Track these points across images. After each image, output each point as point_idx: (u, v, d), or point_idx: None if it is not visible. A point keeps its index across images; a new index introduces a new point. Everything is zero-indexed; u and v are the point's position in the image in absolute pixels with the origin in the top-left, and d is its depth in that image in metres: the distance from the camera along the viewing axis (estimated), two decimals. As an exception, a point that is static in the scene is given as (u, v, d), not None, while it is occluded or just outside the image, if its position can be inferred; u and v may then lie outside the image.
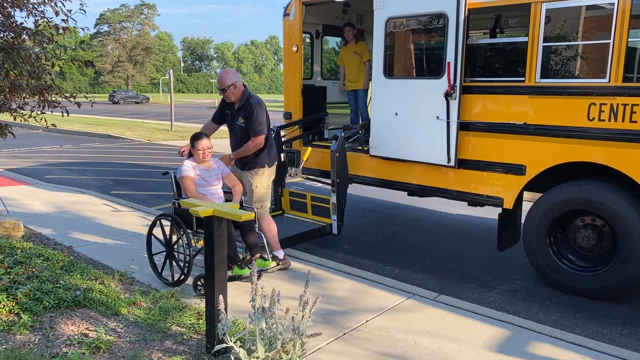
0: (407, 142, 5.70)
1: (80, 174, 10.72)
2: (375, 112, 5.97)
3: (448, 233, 6.78)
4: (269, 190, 4.96)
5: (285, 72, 7.10)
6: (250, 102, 4.76)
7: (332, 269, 4.96)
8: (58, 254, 4.60)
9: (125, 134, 18.85)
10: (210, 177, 4.64)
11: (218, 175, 4.71)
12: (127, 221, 6.56)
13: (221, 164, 4.84)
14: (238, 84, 4.80)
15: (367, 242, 6.34)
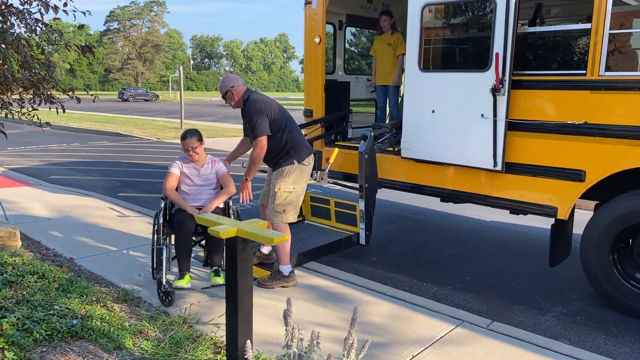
0: (445, 143, 5.09)
1: (86, 174, 10.21)
2: (408, 110, 5.37)
3: (484, 243, 6.17)
4: (295, 195, 4.35)
5: (306, 66, 6.51)
6: (248, 104, 4.25)
7: (364, 288, 4.38)
8: (55, 270, 4.06)
9: (134, 132, 18.37)
10: (197, 176, 4.37)
11: (208, 176, 4.41)
12: (134, 228, 6.01)
13: (218, 164, 4.48)
14: (235, 88, 4.30)
15: (396, 253, 5.75)
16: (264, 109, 4.20)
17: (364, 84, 7.38)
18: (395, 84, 6.49)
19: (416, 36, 5.15)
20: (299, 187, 4.35)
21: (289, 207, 4.30)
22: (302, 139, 4.47)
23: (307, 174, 4.44)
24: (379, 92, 6.72)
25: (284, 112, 4.39)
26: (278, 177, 4.31)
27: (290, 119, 4.42)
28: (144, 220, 6.40)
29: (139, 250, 5.20)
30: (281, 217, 4.30)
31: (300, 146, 4.36)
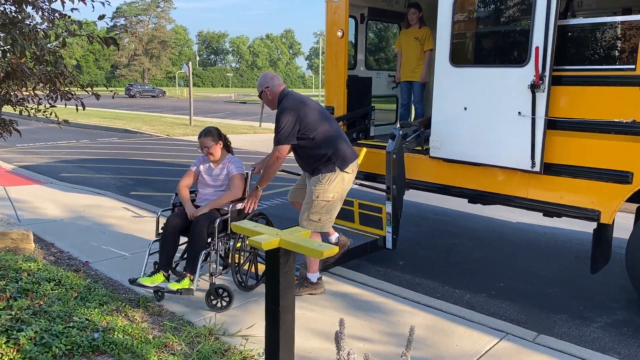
0: (478, 142, 4.84)
1: (98, 172, 10.02)
2: (438, 107, 5.11)
3: (513, 246, 5.92)
4: (333, 204, 4.03)
5: (327, 61, 6.26)
6: (280, 106, 3.99)
7: (396, 296, 4.14)
8: (72, 276, 3.84)
9: (143, 129, 18.19)
10: (209, 176, 4.23)
11: (219, 176, 4.21)
12: (150, 229, 5.78)
13: (231, 165, 4.19)
14: (270, 88, 4.05)
15: (423, 256, 5.51)
16: (295, 114, 3.86)
17: (385, 79, 7.12)
18: (422, 80, 6.24)
19: (447, 29, 4.89)
20: (338, 195, 4.05)
21: (325, 217, 4.03)
22: (345, 144, 4.08)
23: (348, 183, 4.10)
24: (404, 88, 6.47)
25: (324, 115, 4.07)
26: (316, 183, 4.02)
27: (332, 122, 4.12)
28: (162, 220, 6.16)
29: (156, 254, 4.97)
30: (315, 226, 4.03)
31: (343, 152, 4.02)
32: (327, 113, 4.18)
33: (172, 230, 3.93)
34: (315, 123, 3.96)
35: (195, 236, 3.80)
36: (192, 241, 3.82)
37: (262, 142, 16.03)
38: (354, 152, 4.15)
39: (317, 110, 4.05)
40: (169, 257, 3.92)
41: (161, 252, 3.92)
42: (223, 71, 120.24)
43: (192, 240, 3.82)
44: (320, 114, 4.03)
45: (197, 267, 3.74)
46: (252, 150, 13.87)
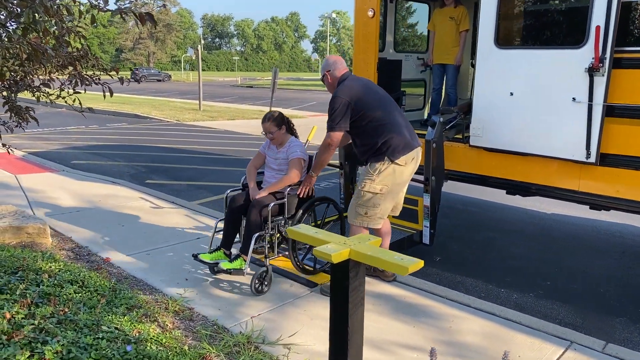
0: (526, 130, 4.49)
1: (110, 159, 9.72)
2: (480, 92, 4.76)
3: (554, 239, 5.59)
4: (382, 199, 3.69)
5: (356, 43, 5.88)
6: (334, 91, 3.77)
7: (443, 298, 3.83)
8: (95, 277, 3.55)
9: (153, 114, 17.85)
10: (272, 159, 4.22)
11: (281, 160, 4.16)
12: (171, 221, 5.51)
13: (291, 149, 4.10)
14: (331, 72, 3.83)
15: (460, 252, 5.20)
16: (346, 99, 3.62)
17: (413, 62, 6.74)
18: (457, 63, 5.86)
19: (492, 7, 4.51)
20: (388, 189, 3.68)
21: (372, 211, 3.70)
22: (401, 134, 3.69)
23: (400, 175, 3.70)
24: (436, 71, 6.10)
25: (381, 101, 3.74)
26: (365, 173, 3.73)
27: (390, 109, 3.74)
28: (180, 212, 5.89)
29: (181, 247, 4.69)
30: (361, 220, 3.72)
31: (396, 142, 3.65)
32: (388, 100, 3.81)
33: (234, 211, 3.98)
34: (369, 110, 3.66)
35: (250, 218, 3.82)
36: (247, 223, 3.84)
37: (274, 127, 15.69)
38: (411, 143, 3.73)
39: (375, 96, 3.74)
40: (230, 236, 4.00)
41: (224, 230, 4.01)
42: (228, 55, 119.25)
43: (247, 222, 3.84)
44: (377, 101, 3.72)
45: (249, 249, 3.74)
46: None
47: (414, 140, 3.76)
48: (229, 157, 10.31)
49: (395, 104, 3.87)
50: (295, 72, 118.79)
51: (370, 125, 3.65)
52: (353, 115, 3.63)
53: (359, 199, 3.72)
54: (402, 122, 3.74)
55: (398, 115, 3.77)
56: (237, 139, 12.95)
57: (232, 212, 3.98)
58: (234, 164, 9.57)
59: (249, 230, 3.81)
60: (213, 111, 19.82)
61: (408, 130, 3.75)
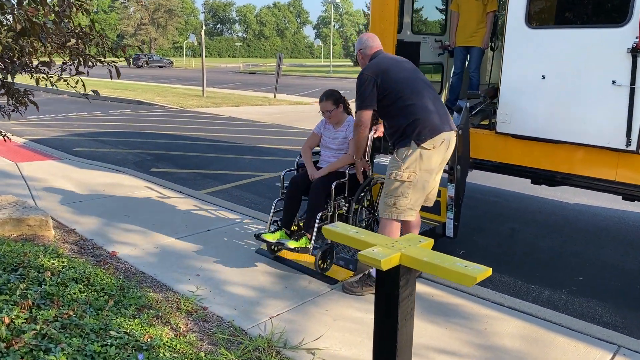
0: (559, 116, 4.20)
1: (113, 146, 9.45)
2: (508, 75, 4.46)
3: (581, 231, 5.33)
4: (411, 187, 3.36)
5: (372, 24, 5.56)
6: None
7: (474, 296, 3.58)
8: (101, 275, 3.30)
9: (156, 100, 17.54)
10: (329, 138, 4.20)
11: (340, 139, 4.13)
12: (179, 212, 5.26)
13: (351, 128, 4.01)
14: (363, 51, 3.61)
15: (484, 245, 4.94)
16: (372, 77, 3.37)
17: (431, 45, 6.42)
18: (484, 46, 5.54)
19: (524, -16, 4.19)
20: (417, 177, 3.35)
21: (402, 201, 3.38)
22: (429, 116, 3.34)
23: (429, 161, 3.33)
24: (458, 54, 5.78)
25: (410, 80, 3.42)
26: (392, 161, 3.44)
27: (419, 89, 3.41)
28: (188, 202, 5.63)
29: (191, 240, 4.44)
30: (390, 211, 3.42)
31: (423, 123, 3.32)
32: (418, 80, 3.49)
33: (294, 191, 4.01)
34: (395, 88, 3.37)
35: (313, 197, 3.86)
36: (310, 202, 3.87)
37: (280, 114, 15.39)
38: (440, 125, 3.36)
39: (403, 74, 3.44)
40: (291, 216, 4.01)
41: (284, 210, 4.01)
42: (230, 41, 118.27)
43: (310, 201, 3.88)
44: (405, 79, 3.41)
45: (314, 228, 3.76)
46: (272, 123, 13.25)
47: (445, 124, 3.41)
48: (236, 144, 10.03)
49: (427, 86, 3.53)
50: (298, 58, 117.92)
51: (396, 106, 3.36)
52: (379, 94, 3.37)
53: (386, 189, 3.44)
54: (432, 104, 3.41)
55: (428, 96, 3.43)
56: (243, 126, 12.65)
57: (292, 192, 4.00)
58: (242, 151, 9.29)
59: (311, 210, 3.83)
60: (217, 97, 19.50)
61: (439, 114, 3.40)
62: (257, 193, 6.48)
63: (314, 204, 3.84)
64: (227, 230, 4.75)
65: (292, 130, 12.08)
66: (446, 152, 3.46)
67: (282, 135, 11.34)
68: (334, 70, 51.09)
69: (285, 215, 4.00)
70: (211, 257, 4.11)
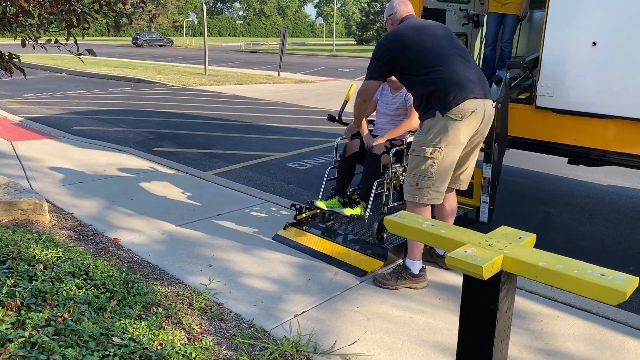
0: (612, 88, 3.76)
1: (114, 124, 9.01)
2: (552, 42, 4.00)
3: (620, 215, 4.92)
4: (436, 163, 2.90)
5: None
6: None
7: (522, 290, 3.17)
8: (102, 267, 2.90)
9: (157, 78, 17.00)
10: (386, 104, 3.97)
11: (399, 105, 3.89)
12: (185, 194, 4.85)
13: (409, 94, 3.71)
14: (392, 16, 3.24)
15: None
16: (390, 47, 3.00)
17: (455, 14, 5.94)
18: (522, 14, 5.06)
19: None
20: (442, 152, 2.88)
21: (424, 182, 2.94)
22: (456, 81, 2.86)
23: (457, 133, 2.85)
24: (492, 22, 5.31)
25: (436, 47, 2.94)
26: (416, 135, 3.02)
27: (447, 54, 2.93)
28: (195, 183, 5.21)
29: (200, 226, 4.04)
30: (413, 193, 2.99)
31: (447, 89, 2.83)
32: (450, 45, 2.99)
33: (349, 159, 3.90)
34: (419, 59, 2.94)
35: (369, 166, 3.73)
36: (366, 171, 3.75)
37: (285, 92, 14.88)
38: (472, 91, 2.85)
39: (432, 42, 2.95)
40: (345, 184, 3.93)
41: (338, 178, 3.94)
42: (230, 20, 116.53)
43: (366, 170, 3.75)
44: (433, 47, 2.94)
45: (370, 196, 3.67)
46: (278, 101, 12.76)
47: (477, 91, 2.89)
48: (242, 123, 9.58)
49: (459, 51, 3.05)
50: (299, 37, 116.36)
51: (419, 75, 2.93)
52: (399, 65, 2.99)
53: (409, 166, 3.03)
54: (462, 68, 2.90)
55: (459, 62, 2.93)
56: (249, 104, 12.18)
57: (346, 160, 3.90)
58: (248, 130, 8.84)
59: (367, 178, 3.71)
60: (219, 75, 18.94)
61: (470, 79, 2.90)
62: (267, 174, 6.06)
63: (371, 173, 3.71)
64: (239, 215, 4.35)
65: (298, 109, 11.61)
66: (480, 124, 2.94)
67: (289, 113, 10.87)
68: (337, 49, 50.21)
69: (339, 184, 3.91)
70: (223, 244, 3.71)
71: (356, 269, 3.35)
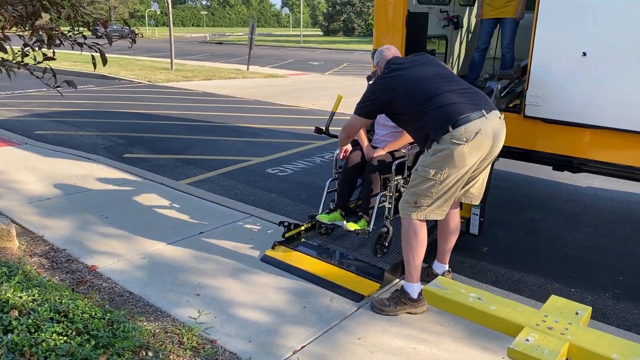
0: (602, 99, 3.72)
1: (80, 128, 8.59)
2: (541, 51, 3.93)
3: (604, 220, 4.95)
4: (438, 185, 2.82)
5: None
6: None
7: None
8: (82, 306, 2.67)
9: (121, 74, 16.40)
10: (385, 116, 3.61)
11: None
12: (164, 209, 4.61)
13: None
14: (380, 63, 3.27)
15: (507, 240, 4.50)
16: (379, 94, 3.03)
17: (436, 16, 5.84)
18: (518, 17, 4.98)
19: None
20: (448, 175, 2.79)
21: (423, 200, 2.87)
22: (452, 105, 2.80)
23: (463, 157, 2.75)
24: (486, 28, 5.22)
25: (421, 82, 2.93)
26: (422, 156, 2.93)
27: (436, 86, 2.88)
28: (173, 196, 4.97)
29: (182, 246, 3.84)
30: (410, 210, 2.91)
31: (447, 115, 2.77)
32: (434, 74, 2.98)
33: (350, 170, 3.82)
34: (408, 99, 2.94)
35: (370, 178, 3.66)
36: (367, 183, 3.68)
37: (256, 88, 14.59)
38: (472, 112, 2.76)
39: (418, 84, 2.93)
40: (347, 197, 3.87)
41: (339, 191, 3.88)
42: (194, 10, 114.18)
43: (367, 182, 3.68)
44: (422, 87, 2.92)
45: (374, 210, 3.63)
46: (250, 99, 12.48)
47: (477, 110, 2.78)
48: (216, 124, 9.29)
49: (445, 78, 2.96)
50: (265, 27, 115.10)
51: (414, 112, 2.92)
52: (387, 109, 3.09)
53: (410, 183, 2.96)
54: (455, 97, 2.83)
55: (448, 90, 2.87)
56: (220, 102, 11.86)
57: (347, 172, 3.81)
58: (223, 132, 8.58)
59: (369, 190, 3.66)
60: (186, 70, 18.44)
61: (469, 101, 2.83)
62: (247, 182, 5.86)
63: (372, 185, 3.64)
64: (222, 232, 4.15)
65: (272, 107, 11.38)
66: (492, 143, 2.86)
67: (262, 112, 10.63)
68: (305, 40, 49.80)
69: (339, 196, 3.85)
70: (209, 269, 3.52)
71: (352, 292, 3.22)
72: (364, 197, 3.72)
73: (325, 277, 3.38)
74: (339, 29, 60.98)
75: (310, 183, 5.89)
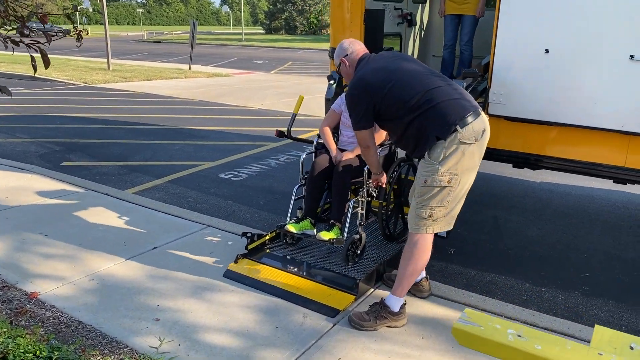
0: (565, 96, 3.72)
1: (9, 134, 7.89)
2: (503, 49, 3.90)
3: (562, 215, 5.01)
4: (453, 191, 2.68)
5: (335, -12, 4.76)
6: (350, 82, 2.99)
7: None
8: (24, 343, 2.31)
9: (54, 75, 15.39)
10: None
11: None
12: (110, 223, 4.23)
13: None
14: (349, 57, 3.06)
15: (472, 240, 4.44)
16: (364, 97, 2.79)
17: (390, 13, 5.74)
18: (478, 14, 4.94)
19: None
20: (463, 179, 2.67)
21: (439, 211, 2.70)
22: (454, 102, 2.66)
23: (472, 157, 2.65)
24: (449, 25, 5.17)
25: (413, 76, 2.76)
26: (424, 165, 2.71)
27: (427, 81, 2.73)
28: (121, 207, 4.58)
29: (135, 265, 3.50)
30: (426, 225, 2.72)
31: (452, 114, 2.61)
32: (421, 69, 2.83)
33: (319, 176, 3.60)
34: (395, 99, 2.73)
35: (339, 183, 3.48)
36: (336, 188, 3.50)
37: (200, 88, 14.09)
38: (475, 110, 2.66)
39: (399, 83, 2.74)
40: (315, 204, 3.67)
41: (306, 197, 3.65)
42: (129, 7, 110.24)
43: (336, 188, 3.50)
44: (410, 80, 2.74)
45: (348, 216, 3.44)
46: (195, 100, 12.02)
47: (477, 108, 2.71)
48: (161, 127, 8.82)
49: (434, 73, 2.85)
50: (204, 25, 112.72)
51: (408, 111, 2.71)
52: (376, 110, 2.80)
53: (419, 198, 2.74)
54: (452, 92, 2.73)
55: (443, 85, 2.74)
56: (163, 104, 11.32)
57: (315, 178, 3.60)
58: (169, 135, 8.14)
59: (339, 196, 3.49)
60: (124, 71, 17.59)
61: (466, 100, 2.72)
62: (199, 189, 5.53)
63: (341, 190, 3.49)
64: (178, 246, 3.84)
65: (219, 108, 10.98)
66: (488, 140, 2.77)
67: (209, 113, 10.23)
68: (247, 38, 49.04)
69: (307, 204, 3.63)
70: (167, 288, 3.22)
71: (326, 307, 3.02)
72: (335, 203, 3.54)
73: (295, 291, 3.16)
74: (281, 27, 60.58)
75: (268, 187, 5.64)
